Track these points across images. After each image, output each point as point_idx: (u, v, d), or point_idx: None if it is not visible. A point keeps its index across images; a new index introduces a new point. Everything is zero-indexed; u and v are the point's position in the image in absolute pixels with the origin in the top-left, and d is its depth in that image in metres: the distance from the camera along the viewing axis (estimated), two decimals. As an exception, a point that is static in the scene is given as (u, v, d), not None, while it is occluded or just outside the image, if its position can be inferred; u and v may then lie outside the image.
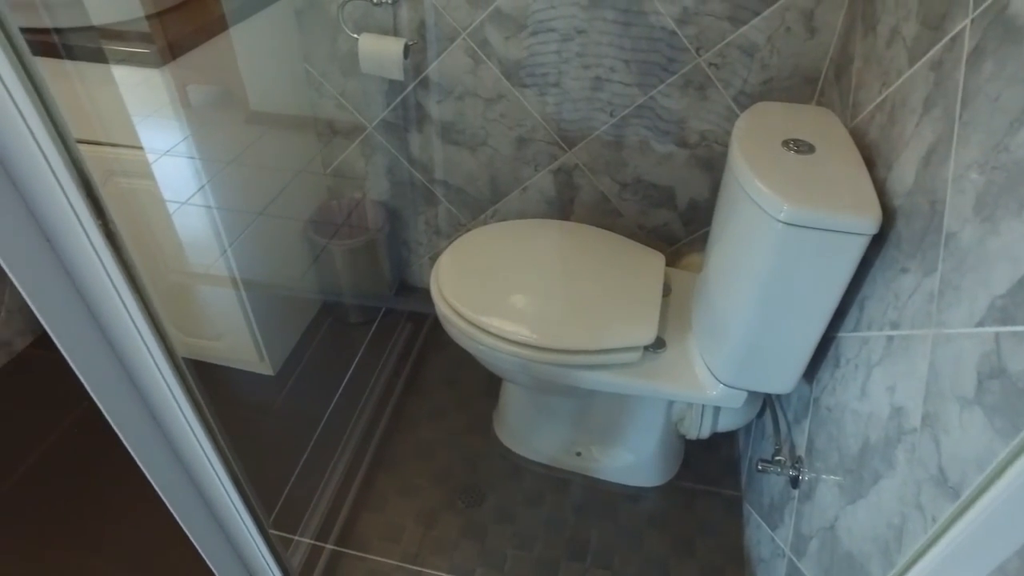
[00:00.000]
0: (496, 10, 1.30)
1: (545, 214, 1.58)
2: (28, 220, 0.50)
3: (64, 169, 0.47)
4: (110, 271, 0.53)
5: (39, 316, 0.54)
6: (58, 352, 1.63)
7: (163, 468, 0.71)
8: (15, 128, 0.45)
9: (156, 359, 0.60)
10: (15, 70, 0.42)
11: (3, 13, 0.41)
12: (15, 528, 1.31)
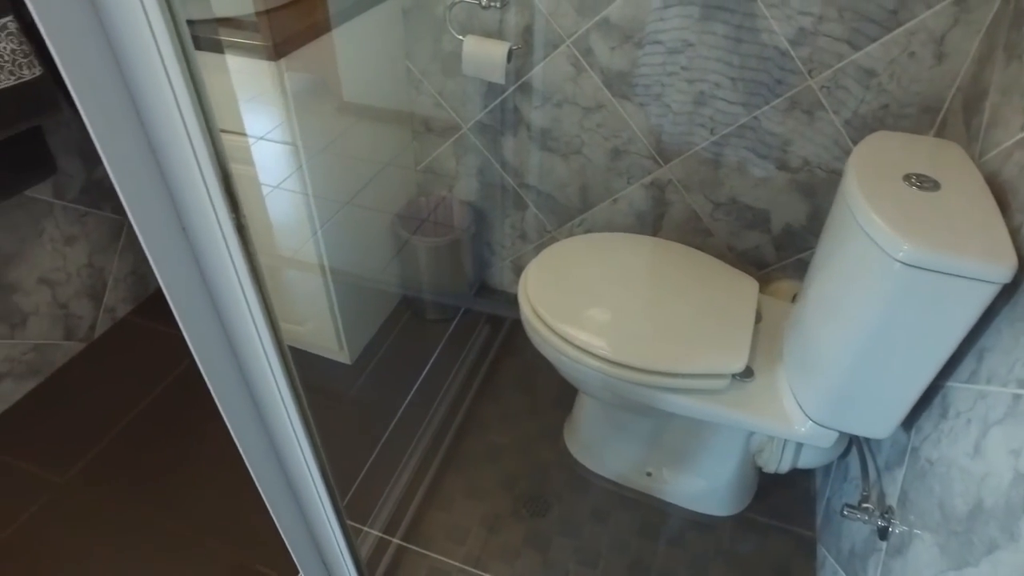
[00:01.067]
0: (604, 19, 1.29)
1: (633, 227, 1.56)
2: (169, 207, 0.53)
3: (209, 163, 0.49)
4: (236, 263, 0.54)
5: (168, 295, 0.56)
6: (154, 321, 1.73)
7: (256, 445, 0.74)
8: (171, 119, 0.47)
9: (265, 346, 0.62)
10: (179, 63, 0.44)
11: (175, 7, 0.43)
12: (104, 487, 1.39)
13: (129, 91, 0.47)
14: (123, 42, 0.44)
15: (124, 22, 0.43)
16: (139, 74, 0.45)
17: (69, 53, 0.42)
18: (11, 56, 1.27)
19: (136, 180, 0.50)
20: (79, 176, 1.58)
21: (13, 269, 1.48)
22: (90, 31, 0.43)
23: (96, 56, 0.44)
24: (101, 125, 0.46)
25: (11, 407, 1.55)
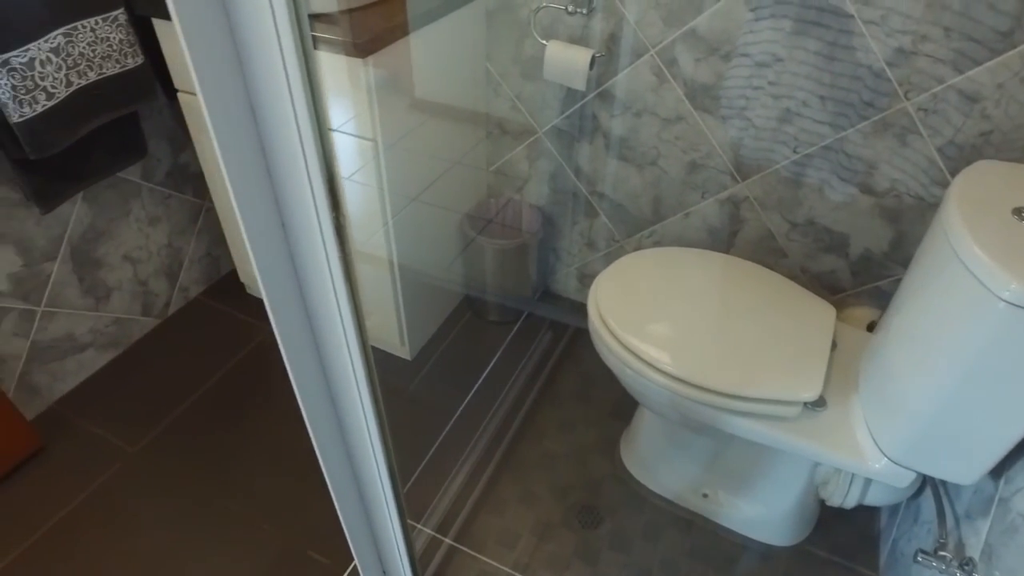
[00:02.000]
0: (691, 31, 1.27)
1: (704, 243, 1.52)
2: (272, 203, 0.54)
3: (316, 162, 0.50)
4: (331, 261, 0.55)
5: (261, 286, 0.57)
6: (223, 303, 1.77)
7: (329, 436, 0.75)
8: (284, 115, 0.48)
9: (350, 343, 0.63)
10: (299, 60, 0.45)
11: (300, 3, 0.43)
12: (169, 460, 1.44)
13: (246, 86, 0.48)
14: (247, 36, 0.45)
15: (249, 16, 0.44)
16: (259, 69, 0.46)
17: (198, 47, 0.43)
18: (119, 46, 1.33)
19: (245, 174, 0.51)
20: (166, 160, 1.64)
21: (102, 245, 1.55)
22: (218, 25, 0.44)
23: (221, 50, 0.45)
24: (220, 118, 0.47)
25: (92, 375, 1.63)
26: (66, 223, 1.46)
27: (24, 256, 1.40)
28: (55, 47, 1.23)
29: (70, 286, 1.52)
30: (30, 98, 1.21)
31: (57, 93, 1.25)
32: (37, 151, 1.25)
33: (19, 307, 1.42)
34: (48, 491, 1.38)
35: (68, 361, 1.57)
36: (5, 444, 1.38)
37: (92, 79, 1.31)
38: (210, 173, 1.56)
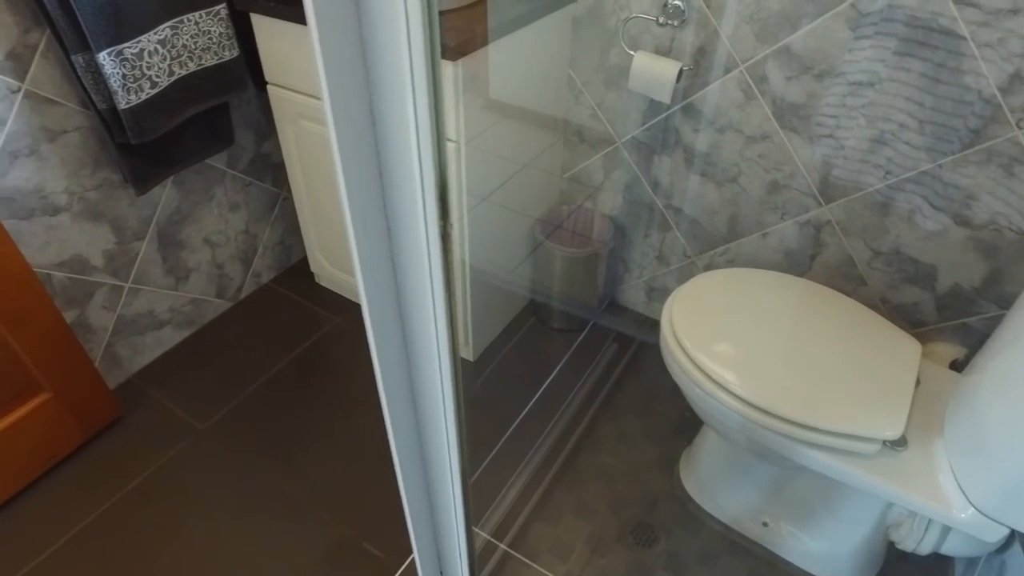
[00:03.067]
0: (785, 47, 1.23)
1: (780, 265, 1.48)
2: (380, 206, 0.55)
3: (430, 168, 0.50)
4: (433, 269, 0.56)
5: (360, 284, 0.58)
6: (293, 291, 1.80)
7: (405, 434, 0.76)
8: (403, 121, 0.48)
9: (440, 349, 0.63)
10: (426, 64, 0.45)
11: (433, 5, 0.43)
12: (235, 441, 1.49)
13: (370, 89, 0.48)
14: (376, 37, 0.45)
15: (381, 16, 0.44)
16: (384, 72, 0.47)
17: (329, 45, 0.44)
18: (218, 39, 1.38)
19: (359, 175, 0.52)
20: (250, 149, 1.70)
21: (185, 228, 1.61)
22: (349, 25, 0.44)
23: (350, 51, 0.45)
24: (342, 121, 0.48)
25: (168, 351, 1.70)
26: (156, 205, 1.53)
27: (117, 235, 1.47)
28: (162, 39, 1.29)
29: (155, 265, 1.58)
30: (136, 86, 1.27)
31: (160, 82, 1.31)
32: (138, 136, 1.30)
33: (109, 282, 1.49)
34: (123, 460, 1.44)
35: (148, 336, 1.64)
36: (90, 410, 1.45)
37: (191, 69, 1.37)
38: (290, 163, 1.61)
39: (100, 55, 1.19)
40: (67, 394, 1.39)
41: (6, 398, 1.30)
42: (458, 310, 1.54)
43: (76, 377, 1.40)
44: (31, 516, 1.34)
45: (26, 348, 1.28)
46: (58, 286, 1.40)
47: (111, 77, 1.22)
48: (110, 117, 1.28)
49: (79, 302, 1.45)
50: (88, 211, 1.39)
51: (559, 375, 1.61)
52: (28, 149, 1.25)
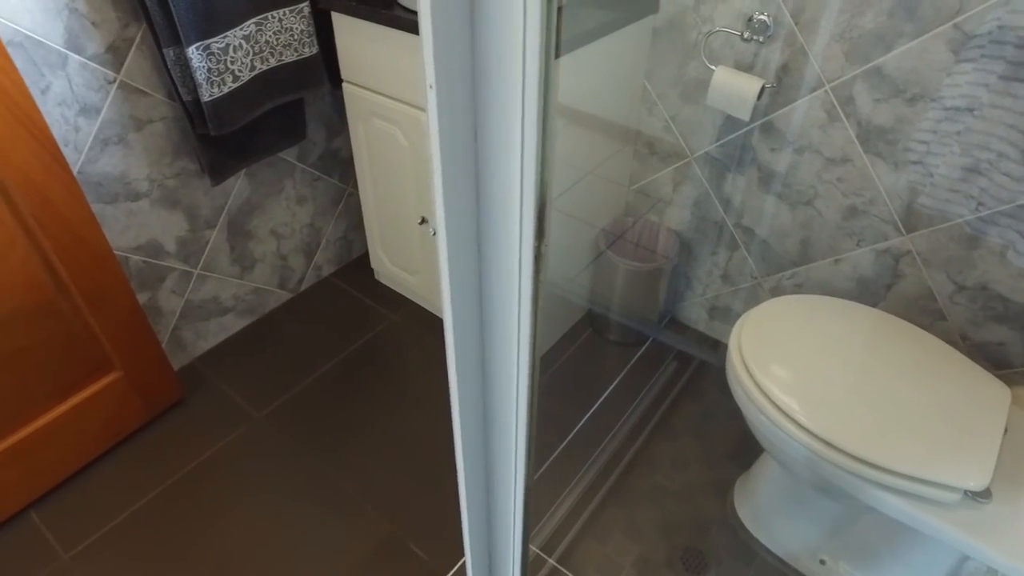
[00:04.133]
0: (876, 68, 1.19)
1: (851, 293, 1.43)
2: (473, 221, 0.54)
3: (531, 187, 0.49)
4: (523, 288, 0.55)
5: (445, 297, 0.58)
6: (351, 286, 1.81)
7: (474, 441, 0.75)
8: (510, 138, 0.47)
9: (520, 366, 0.62)
10: (540, 67, 0.43)
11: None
12: (290, 430, 1.51)
13: (476, 104, 0.48)
14: (489, 46, 0.43)
15: (497, 20, 0.42)
16: (494, 81, 0.45)
17: (442, 58, 0.43)
18: (299, 35, 1.40)
19: (457, 188, 0.51)
20: (320, 144, 1.72)
21: (254, 218, 1.65)
22: (462, 31, 0.42)
23: (460, 59, 0.44)
24: (447, 134, 0.47)
25: (230, 338, 1.74)
26: (228, 195, 1.56)
27: (191, 222, 1.51)
28: (247, 34, 1.32)
29: (223, 253, 1.62)
30: (220, 80, 1.30)
31: (242, 76, 1.34)
32: (218, 127, 1.33)
33: (180, 268, 1.54)
34: (183, 442, 1.48)
35: (212, 322, 1.68)
36: (155, 391, 1.49)
37: (272, 65, 1.39)
38: (359, 160, 1.62)
39: (189, 49, 1.23)
40: (136, 374, 1.43)
41: (82, 374, 1.35)
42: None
43: (145, 358, 1.44)
44: (99, 488, 1.39)
45: (103, 327, 1.33)
46: (134, 269, 1.44)
47: (197, 70, 1.25)
48: (193, 109, 1.32)
49: (151, 285, 1.50)
50: (166, 198, 1.44)
51: (616, 390, 1.58)
52: (117, 137, 1.30)
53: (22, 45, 1.11)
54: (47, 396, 1.31)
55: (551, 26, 0.39)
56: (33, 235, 1.16)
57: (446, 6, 0.41)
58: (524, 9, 0.38)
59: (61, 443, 1.35)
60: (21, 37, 1.10)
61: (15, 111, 1.05)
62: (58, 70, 1.17)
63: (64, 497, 1.37)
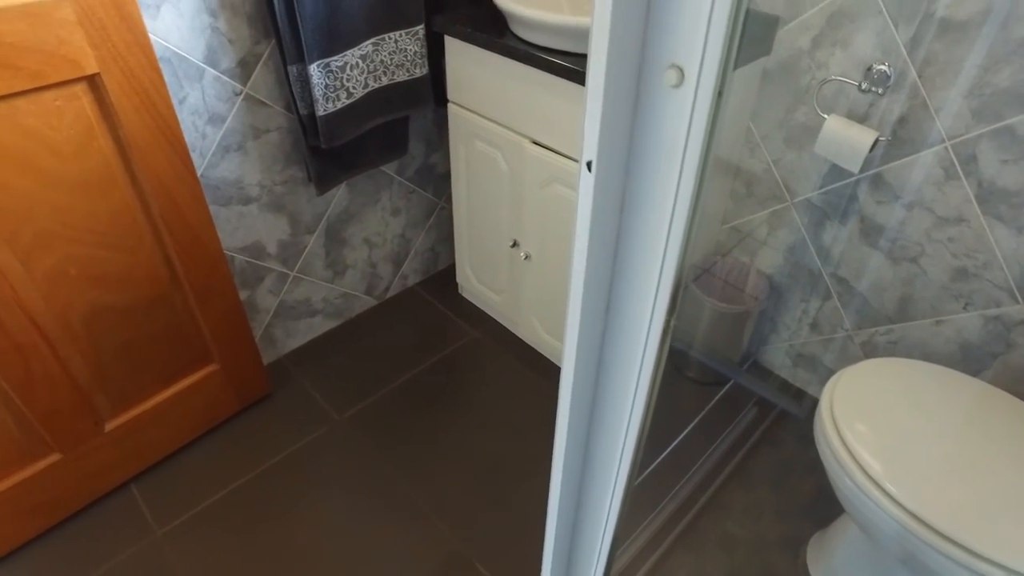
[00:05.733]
0: (1007, 128, 1.13)
1: (952, 357, 1.37)
2: (606, 285, 0.55)
3: (674, 260, 0.50)
4: (646, 357, 0.56)
5: (565, 360, 0.59)
6: (435, 297, 1.84)
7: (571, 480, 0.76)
8: (658, 221, 0.48)
9: (630, 427, 0.63)
10: (700, 157, 0.43)
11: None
12: (366, 436, 1.56)
13: (628, 170, 0.48)
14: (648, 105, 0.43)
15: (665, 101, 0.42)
16: (650, 153, 0.45)
17: (608, 128, 0.43)
18: (412, 57, 1.45)
19: (595, 259, 0.52)
20: (419, 158, 1.77)
21: (351, 226, 1.71)
22: (628, 84, 0.42)
23: (622, 129, 0.44)
24: (599, 202, 0.48)
25: (316, 338, 1.81)
26: (329, 203, 1.63)
27: (292, 227, 1.58)
28: (364, 54, 1.37)
29: (318, 258, 1.69)
30: (335, 96, 1.36)
31: (355, 93, 1.40)
32: (329, 140, 1.40)
33: (278, 269, 1.61)
34: (268, 437, 1.55)
35: (301, 322, 1.76)
36: (247, 385, 1.57)
37: (383, 83, 1.45)
38: (456, 179, 1.66)
39: (311, 66, 1.29)
40: (231, 367, 1.51)
41: (185, 363, 1.43)
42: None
43: (241, 353, 1.52)
44: (191, 473, 1.47)
45: (207, 321, 1.41)
46: (238, 268, 1.52)
47: (316, 87, 1.32)
48: (307, 121, 1.38)
49: (251, 284, 1.58)
50: (273, 203, 1.51)
51: (694, 432, 1.56)
52: (237, 145, 1.38)
53: (170, 61, 1.19)
54: (154, 382, 1.40)
55: (717, 115, 0.40)
56: (159, 233, 1.25)
57: (618, 84, 0.41)
58: (693, 101, 0.39)
59: (162, 426, 1.44)
60: (170, 53, 1.19)
61: (159, 122, 1.13)
62: (195, 82, 1.25)
63: (161, 476, 1.46)
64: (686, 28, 0.34)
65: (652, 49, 0.36)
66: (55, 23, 0.95)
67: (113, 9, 1.00)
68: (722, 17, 0.33)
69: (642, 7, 0.34)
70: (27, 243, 1.08)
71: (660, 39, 0.35)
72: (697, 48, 0.34)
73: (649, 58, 0.37)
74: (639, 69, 0.38)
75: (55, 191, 1.08)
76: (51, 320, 1.17)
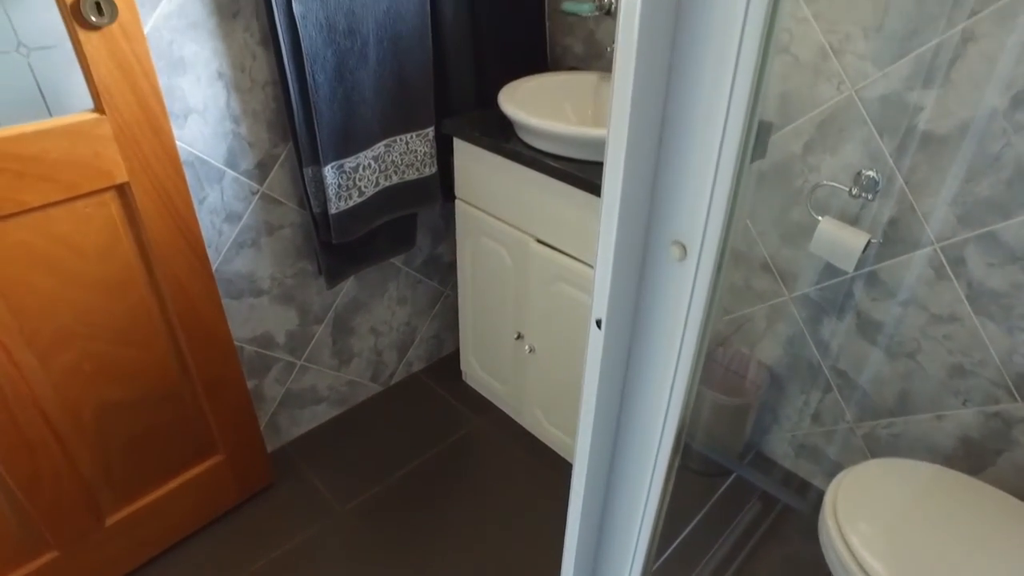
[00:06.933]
0: (989, 234, 1.19)
1: (955, 453, 1.37)
2: (612, 432, 0.58)
3: (675, 419, 0.52)
4: (651, 497, 0.57)
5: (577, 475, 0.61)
6: (439, 384, 1.85)
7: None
8: (662, 378, 0.51)
9: (639, 546, 0.64)
10: (701, 322, 0.47)
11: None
12: (371, 528, 1.54)
13: (634, 328, 0.52)
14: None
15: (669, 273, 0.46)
16: (657, 315, 0.50)
17: (618, 291, 0.48)
18: (422, 157, 1.52)
19: (603, 412, 0.55)
20: (425, 250, 1.83)
21: (358, 316, 1.75)
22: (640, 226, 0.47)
23: (630, 290, 0.49)
24: (607, 361, 0.51)
25: (320, 426, 1.81)
26: (337, 294, 1.67)
27: (301, 318, 1.61)
28: (377, 155, 1.44)
29: (325, 347, 1.71)
30: (347, 195, 1.42)
31: (366, 192, 1.46)
32: (340, 237, 1.45)
33: (286, 359, 1.63)
34: (269, 529, 1.53)
35: (306, 410, 1.77)
36: (250, 475, 1.56)
37: (394, 182, 1.51)
38: (462, 272, 1.71)
39: (326, 168, 1.35)
40: (236, 458, 1.51)
41: (190, 455, 1.43)
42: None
43: (247, 443, 1.52)
44: (189, 568, 1.45)
45: (215, 413, 1.42)
46: (247, 358, 1.55)
47: (330, 186, 1.38)
48: (320, 219, 1.44)
49: (259, 374, 1.59)
50: (283, 295, 1.55)
51: (698, 527, 1.55)
52: (251, 241, 1.43)
53: (193, 164, 1.26)
54: (158, 474, 1.40)
55: (718, 285, 0.43)
56: (173, 330, 1.28)
57: (626, 256, 0.46)
58: (695, 275, 0.43)
59: (162, 519, 1.43)
60: (193, 157, 1.25)
61: (179, 223, 1.18)
62: (215, 183, 1.31)
63: (156, 573, 1.44)
64: (689, 207, 0.38)
65: (657, 225, 0.40)
66: (94, 139, 1.01)
67: (146, 123, 1.07)
68: (722, 198, 0.36)
69: (648, 186, 0.38)
70: (47, 341, 1.11)
71: (665, 216, 0.39)
72: (699, 227, 0.38)
73: (654, 233, 0.41)
74: (645, 243, 0.42)
75: (77, 290, 1.12)
76: (63, 416, 1.19)
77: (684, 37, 0.34)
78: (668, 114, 0.36)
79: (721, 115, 0.34)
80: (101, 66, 0.99)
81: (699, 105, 0.35)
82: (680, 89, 0.36)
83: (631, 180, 0.35)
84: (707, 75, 0.33)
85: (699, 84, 0.34)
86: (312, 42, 1.23)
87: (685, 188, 0.37)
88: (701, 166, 0.36)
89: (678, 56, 0.36)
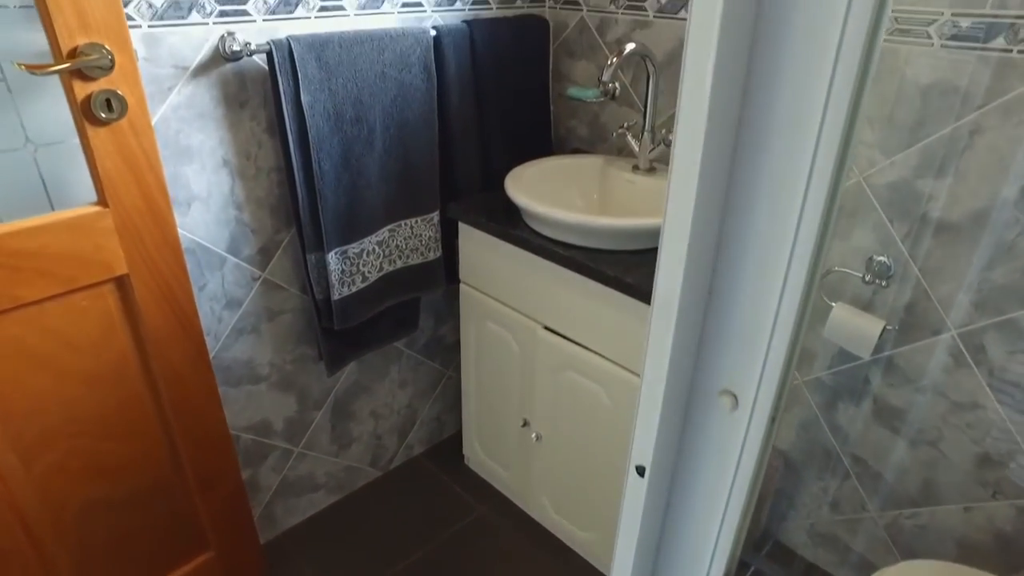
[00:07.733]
0: (1009, 322, 1.16)
1: (987, 546, 1.31)
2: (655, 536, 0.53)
3: (729, 537, 0.48)
4: None
5: None
6: (441, 468, 1.77)
7: None
8: (712, 511, 0.47)
9: None
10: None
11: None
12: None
13: (674, 474, 0.48)
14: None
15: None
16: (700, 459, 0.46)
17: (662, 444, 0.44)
18: (427, 241, 1.51)
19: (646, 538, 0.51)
20: (427, 332, 1.79)
21: (358, 400, 1.69)
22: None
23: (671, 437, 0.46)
24: (648, 511, 0.48)
25: (316, 514, 1.73)
26: (337, 379, 1.62)
27: (300, 404, 1.56)
28: (381, 240, 1.43)
29: (324, 432, 1.65)
30: (350, 280, 1.39)
31: (370, 277, 1.43)
32: (342, 323, 1.41)
33: (283, 446, 1.57)
34: (259, 633, 1.44)
35: (303, 498, 1.69)
36: (243, 568, 1.47)
37: (398, 266, 1.49)
38: (466, 355, 1.67)
39: (329, 254, 1.33)
40: (228, 554, 1.43)
41: (179, 553, 1.36)
42: (609, 525, 1.47)
43: (240, 538, 1.44)
44: None
45: (207, 508, 1.35)
46: (243, 447, 1.48)
47: (333, 272, 1.35)
48: (322, 305, 1.41)
49: (255, 463, 1.53)
50: (282, 381, 1.50)
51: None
52: (251, 327, 1.39)
53: (194, 252, 1.23)
54: (143, 575, 1.31)
55: (771, 437, 0.40)
56: (167, 421, 1.23)
57: (673, 403, 0.43)
58: (747, 426, 0.40)
59: (145, 625, 1.34)
60: (195, 245, 1.23)
61: (178, 313, 1.15)
62: (216, 270, 1.29)
63: None
64: (741, 355, 0.35)
65: (704, 373, 0.37)
66: (95, 232, 0.99)
67: (149, 215, 1.05)
68: (780, 350, 0.33)
69: (695, 333, 0.35)
70: (31, 441, 1.06)
71: (713, 364, 0.36)
72: (754, 376, 0.34)
73: (700, 380, 0.38)
74: (690, 390, 0.39)
75: (68, 385, 1.07)
76: (42, 518, 1.12)
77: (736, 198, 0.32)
78: (719, 267, 0.34)
79: (782, 267, 0.32)
80: (107, 160, 0.98)
81: (751, 256, 0.33)
82: (732, 244, 0.34)
83: (682, 328, 0.33)
84: (761, 226, 0.31)
85: (754, 234, 0.32)
86: (319, 131, 1.23)
87: (737, 336, 0.34)
88: (757, 315, 0.34)
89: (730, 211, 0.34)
